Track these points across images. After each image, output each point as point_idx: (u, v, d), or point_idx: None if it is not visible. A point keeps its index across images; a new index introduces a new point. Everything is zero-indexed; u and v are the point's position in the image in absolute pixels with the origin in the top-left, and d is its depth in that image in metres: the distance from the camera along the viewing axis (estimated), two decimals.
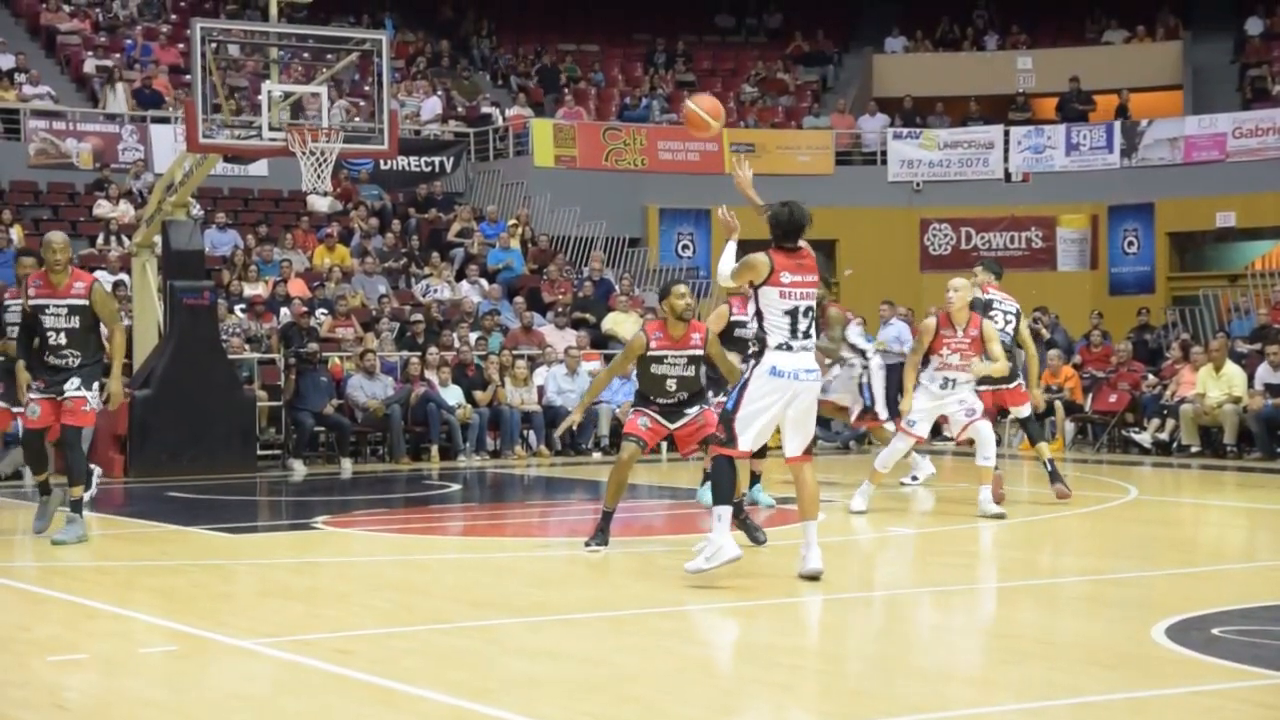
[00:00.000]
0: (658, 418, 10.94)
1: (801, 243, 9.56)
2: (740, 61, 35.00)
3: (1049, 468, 14.17)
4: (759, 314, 9.36)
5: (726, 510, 9.27)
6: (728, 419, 9.30)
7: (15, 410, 12.66)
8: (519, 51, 34.03)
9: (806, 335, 9.30)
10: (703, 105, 10.59)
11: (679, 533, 12.61)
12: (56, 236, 12.09)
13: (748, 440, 9.28)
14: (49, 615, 8.89)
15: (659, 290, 11.40)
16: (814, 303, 9.37)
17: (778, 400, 9.24)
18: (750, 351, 9.50)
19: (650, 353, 10.87)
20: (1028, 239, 29.21)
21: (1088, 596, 9.56)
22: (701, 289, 26.72)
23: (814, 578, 9.30)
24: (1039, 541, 12.41)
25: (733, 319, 12.80)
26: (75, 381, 11.75)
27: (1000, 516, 12.88)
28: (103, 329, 12.09)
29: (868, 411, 16.49)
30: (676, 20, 35.87)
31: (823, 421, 22.02)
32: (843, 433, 21.76)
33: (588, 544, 10.93)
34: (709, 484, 13.43)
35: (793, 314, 9.26)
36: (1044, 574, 10.86)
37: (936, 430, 15.88)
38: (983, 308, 13.95)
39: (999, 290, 14.50)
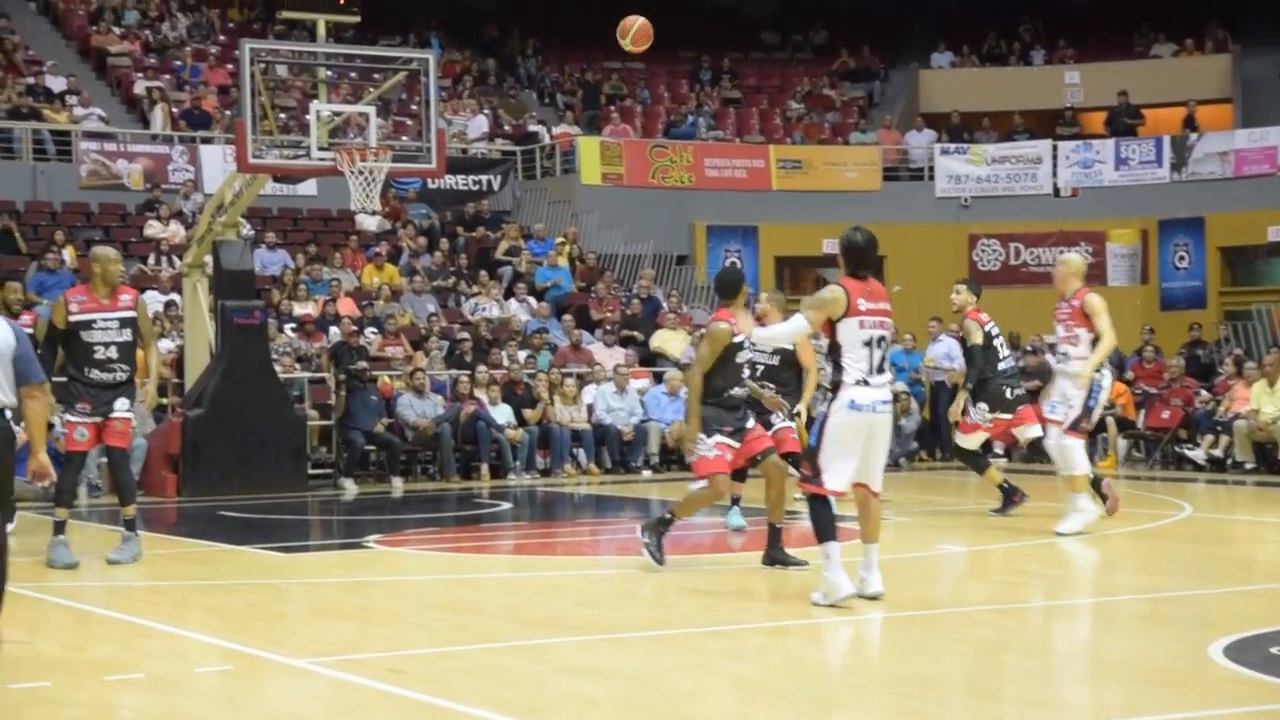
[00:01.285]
0: (729, 442, 10.90)
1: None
2: (786, 78, 34.99)
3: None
4: (835, 348, 9.18)
5: (835, 548, 9.16)
6: (812, 456, 9.20)
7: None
8: (565, 69, 34.10)
9: (881, 369, 9.18)
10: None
11: (731, 551, 12.59)
12: (110, 250, 12.13)
13: (835, 480, 9.15)
14: (104, 635, 8.95)
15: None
16: (888, 334, 9.22)
17: (859, 435, 9.13)
18: (827, 385, 9.39)
19: (734, 340, 10.85)
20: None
21: (1143, 615, 9.50)
22: (750, 306, 26.68)
23: (874, 600, 9.24)
24: (1092, 559, 12.34)
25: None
26: (125, 402, 11.72)
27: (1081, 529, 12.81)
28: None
29: None
30: (722, 37, 35.88)
31: None
32: (894, 451, 21.67)
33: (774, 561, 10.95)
34: (737, 508, 13.56)
35: (870, 345, 9.12)
36: (1098, 592, 10.80)
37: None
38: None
39: (980, 312, 14.62)
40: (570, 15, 36.29)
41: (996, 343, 14.40)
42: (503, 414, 20.38)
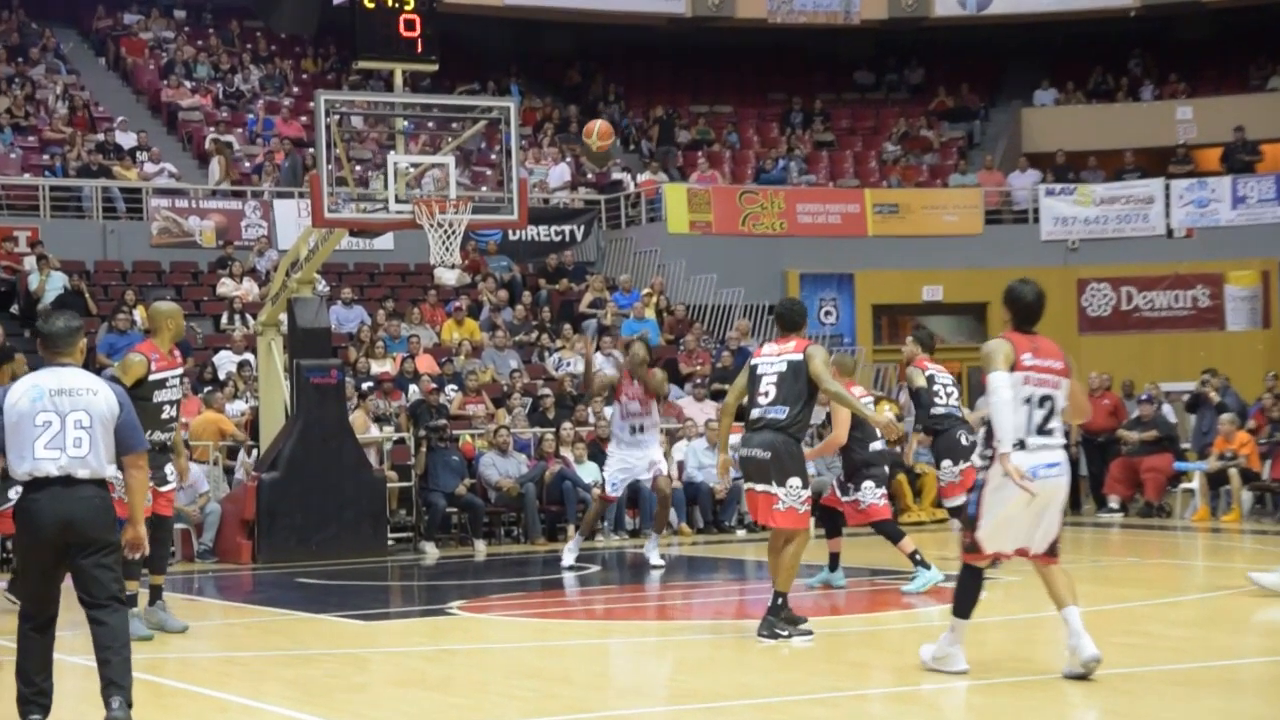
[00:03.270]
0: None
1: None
2: (881, 119, 34.95)
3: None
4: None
5: (964, 627, 9.01)
6: (971, 525, 8.99)
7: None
8: (649, 115, 34.25)
9: (1046, 429, 8.86)
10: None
11: (828, 615, 12.48)
12: (175, 305, 12.18)
13: (993, 546, 8.98)
14: (180, 710, 8.96)
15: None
16: (1054, 393, 8.89)
17: (1019, 503, 8.82)
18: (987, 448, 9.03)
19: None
20: (1193, 298, 28.74)
21: (1273, 679, 9.30)
22: (865, 372, 26.61)
23: (1095, 662, 8.88)
24: (1216, 620, 12.12)
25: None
26: (170, 468, 11.76)
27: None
28: None
29: None
30: (813, 78, 35.93)
31: None
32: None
33: (773, 634, 10.60)
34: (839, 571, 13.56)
35: (1030, 403, 8.82)
36: (1224, 655, 10.59)
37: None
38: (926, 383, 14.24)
39: (934, 363, 14.51)
40: (654, 59, 36.49)
41: (944, 392, 14.29)
42: (589, 473, 20.36)
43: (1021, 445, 8.77)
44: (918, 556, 13.36)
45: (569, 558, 16.26)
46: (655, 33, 35.28)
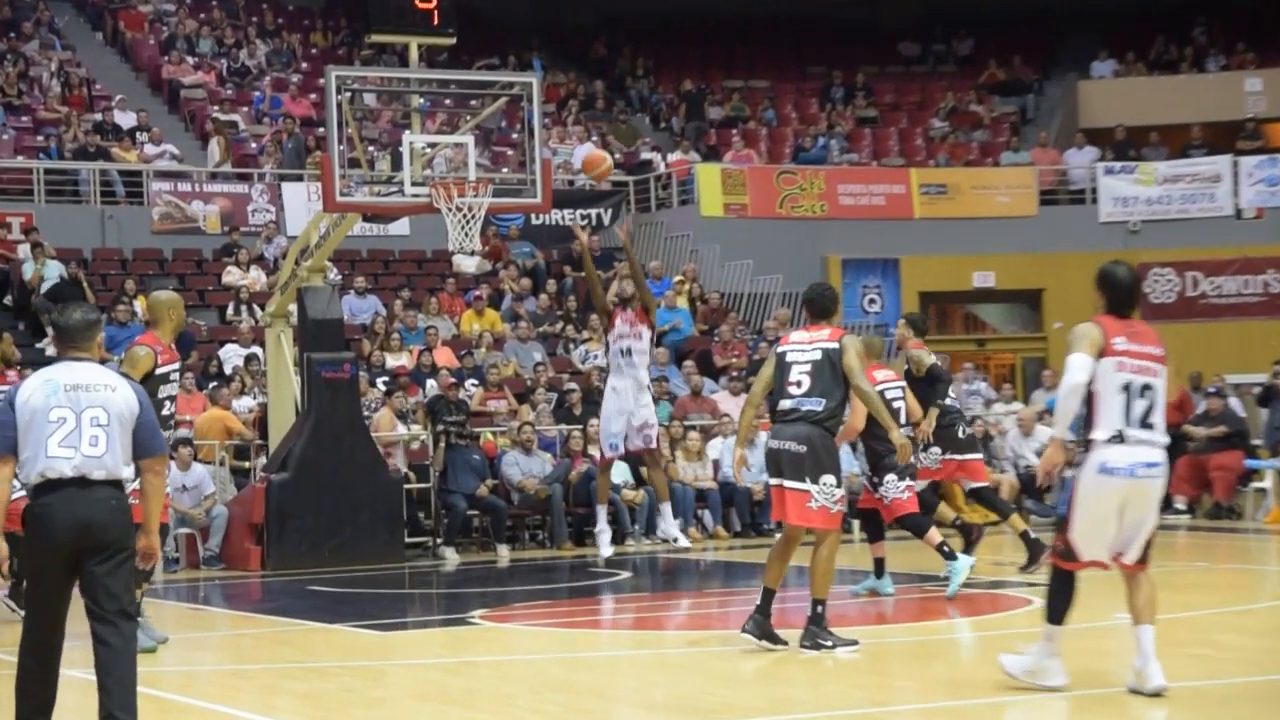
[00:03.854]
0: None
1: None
2: (928, 93, 34.87)
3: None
4: (1088, 398, 8.74)
5: (1059, 634, 8.91)
6: (1063, 529, 8.88)
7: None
8: (680, 90, 34.23)
9: (1147, 422, 8.73)
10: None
11: (875, 624, 12.46)
12: (171, 293, 12.15)
13: (1089, 552, 8.85)
14: None
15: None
16: (1155, 381, 8.73)
17: (1114, 504, 8.72)
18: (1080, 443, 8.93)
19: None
20: (1264, 283, 28.61)
21: None
22: (892, 348, 26.55)
23: (1159, 694, 8.75)
24: None
25: None
26: (175, 468, 11.71)
27: None
28: None
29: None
30: (855, 50, 35.85)
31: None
32: (1059, 506, 21.40)
33: (816, 645, 10.54)
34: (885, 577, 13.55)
35: (1128, 391, 8.68)
36: None
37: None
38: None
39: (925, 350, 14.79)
40: (684, 31, 36.47)
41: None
42: (619, 473, 20.34)
43: (1121, 438, 8.66)
44: (946, 548, 13.35)
45: (606, 549, 16.23)
46: (686, 2, 35.25)
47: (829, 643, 10.48)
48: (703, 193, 28.51)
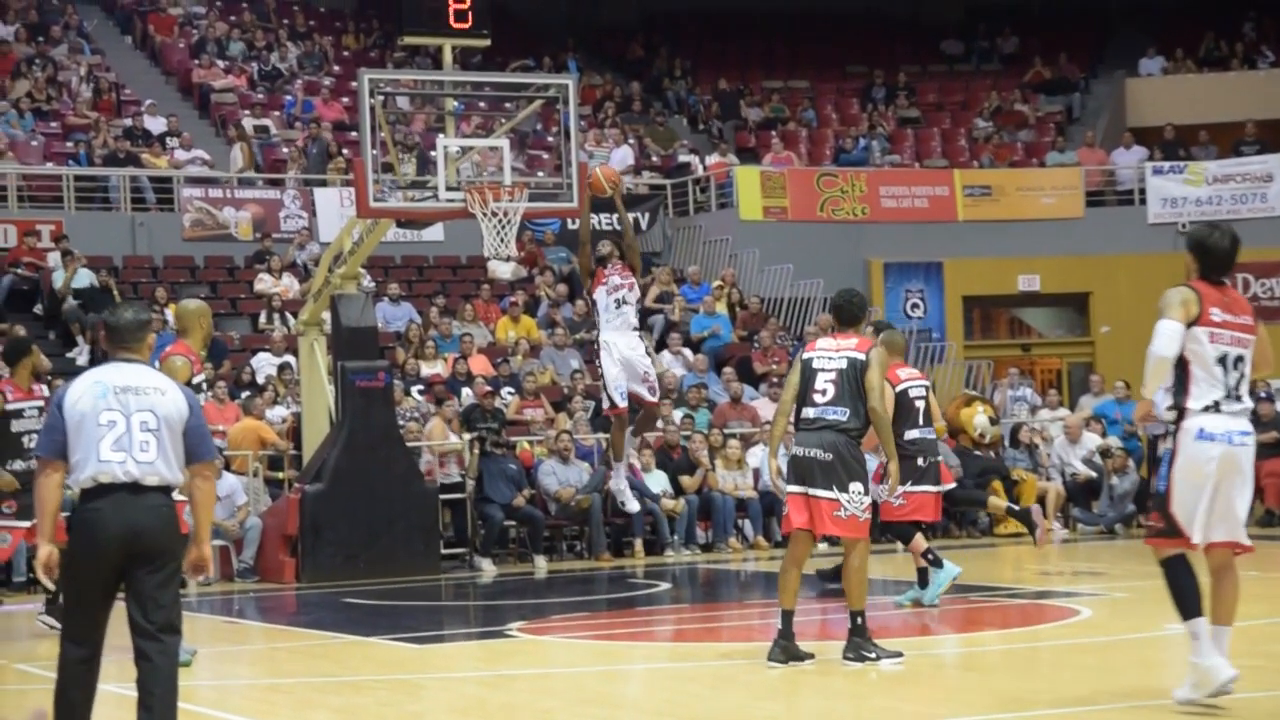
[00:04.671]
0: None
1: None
2: (971, 92, 34.83)
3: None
4: (1179, 367, 8.65)
5: (1203, 625, 8.63)
6: (1162, 505, 8.70)
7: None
8: (716, 89, 34.26)
9: (1238, 394, 8.64)
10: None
11: (918, 635, 12.46)
12: (200, 301, 12.18)
13: (1198, 531, 8.58)
14: None
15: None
16: (1245, 353, 8.66)
17: (1210, 473, 8.54)
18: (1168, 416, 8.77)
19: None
20: None
21: None
22: (935, 353, 26.56)
23: (1223, 693, 8.60)
24: None
25: None
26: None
27: None
28: None
29: None
30: (897, 49, 35.85)
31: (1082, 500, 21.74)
32: (1107, 515, 21.39)
33: (860, 656, 10.51)
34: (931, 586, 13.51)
35: (1224, 363, 8.59)
36: None
37: None
38: None
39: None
40: (723, 30, 36.50)
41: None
42: (657, 482, 20.39)
43: (1216, 408, 8.57)
44: (930, 555, 13.34)
45: (633, 504, 16.07)
46: (724, 2, 35.27)
47: (873, 654, 10.49)
48: (742, 196, 28.53)
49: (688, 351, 24.56)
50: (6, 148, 26.77)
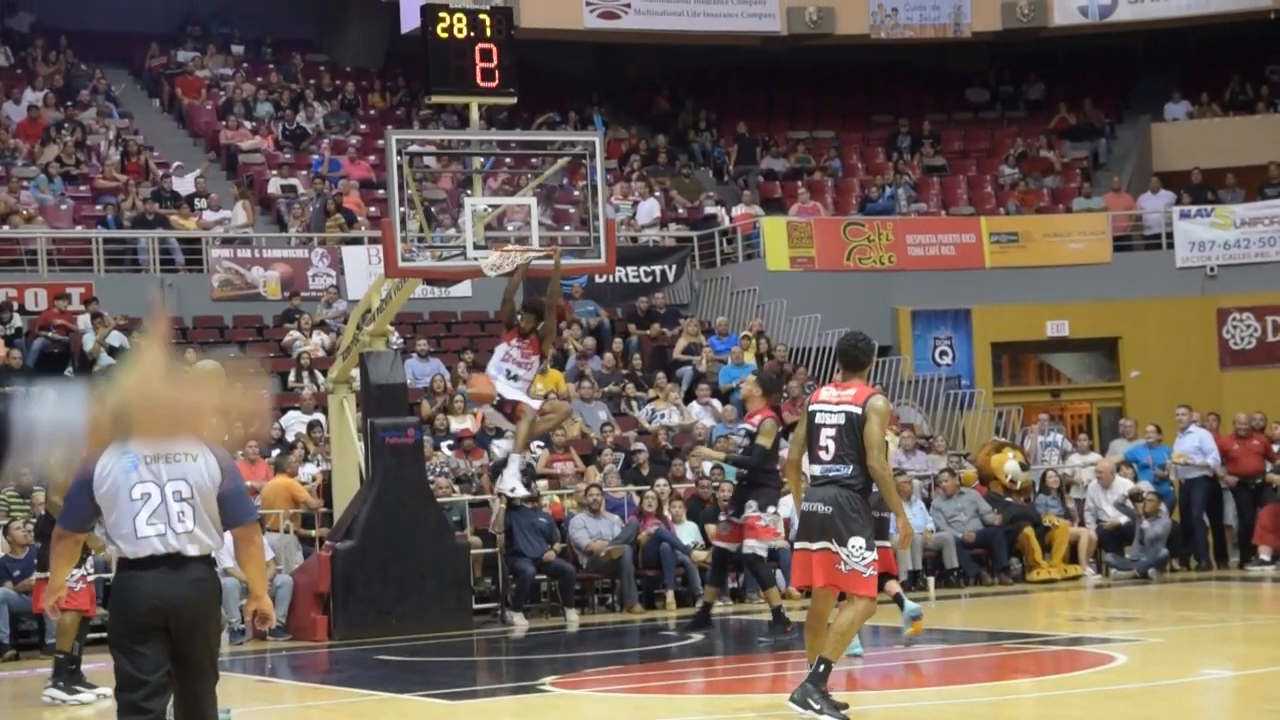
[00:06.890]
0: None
1: None
2: (997, 139, 34.89)
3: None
4: None
5: None
6: None
7: None
8: (743, 142, 34.35)
9: None
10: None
11: (957, 684, 12.45)
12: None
13: None
14: None
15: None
16: None
17: None
18: None
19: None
20: None
21: None
22: (965, 400, 26.53)
23: None
24: None
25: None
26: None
27: None
28: None
29: None
30: (922, 97, 35.94)
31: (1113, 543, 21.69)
32: (1139, 559, 21.33)
33: (805, 704, 10.23)
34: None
35: None
36: None
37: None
38: None
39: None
40: (747, 81, 36.64)
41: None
42: (688, 533, 20.40)
43: None
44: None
45: (512, 481, 16.92)
46: (748, 54, 35.42)
47: (817, 706, 10.17)
48: (769, 246, 28.59)
49: (716, 402, 24.59)
50: (36, 212, 26.98)
